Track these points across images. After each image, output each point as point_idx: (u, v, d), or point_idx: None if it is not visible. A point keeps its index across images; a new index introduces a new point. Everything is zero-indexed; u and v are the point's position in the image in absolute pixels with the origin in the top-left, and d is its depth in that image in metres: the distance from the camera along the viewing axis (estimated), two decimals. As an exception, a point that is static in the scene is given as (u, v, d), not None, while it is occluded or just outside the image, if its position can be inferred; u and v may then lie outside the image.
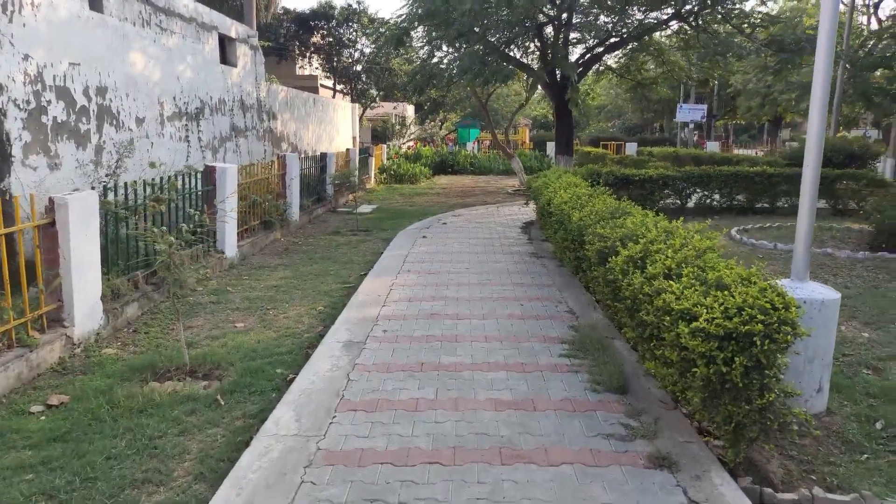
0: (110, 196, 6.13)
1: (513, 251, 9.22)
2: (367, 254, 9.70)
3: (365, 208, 15.15)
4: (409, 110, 45.09)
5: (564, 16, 15.30)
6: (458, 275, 7.63)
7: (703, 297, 3.21)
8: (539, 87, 16.83)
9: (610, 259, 4.47)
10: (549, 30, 16.52)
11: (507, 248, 9.44)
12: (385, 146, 24.57)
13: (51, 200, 5.04)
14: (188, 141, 10.61)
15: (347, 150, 18.15)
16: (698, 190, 13.99)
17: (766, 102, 34.21)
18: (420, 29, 14.21)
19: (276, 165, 11.40)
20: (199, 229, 6.21)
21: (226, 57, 12.69)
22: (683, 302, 3.21)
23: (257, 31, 35.84)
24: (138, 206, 6.55)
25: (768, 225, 11.79)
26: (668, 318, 3.33)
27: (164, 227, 7.22)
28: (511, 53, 16.47)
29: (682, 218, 5.00)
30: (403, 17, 13.46)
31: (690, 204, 14.11)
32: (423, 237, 10.34)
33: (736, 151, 37.23)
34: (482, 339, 5.29)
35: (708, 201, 14.06)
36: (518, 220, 12.88)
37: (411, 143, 32.34)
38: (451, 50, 14.26)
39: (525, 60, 17.99)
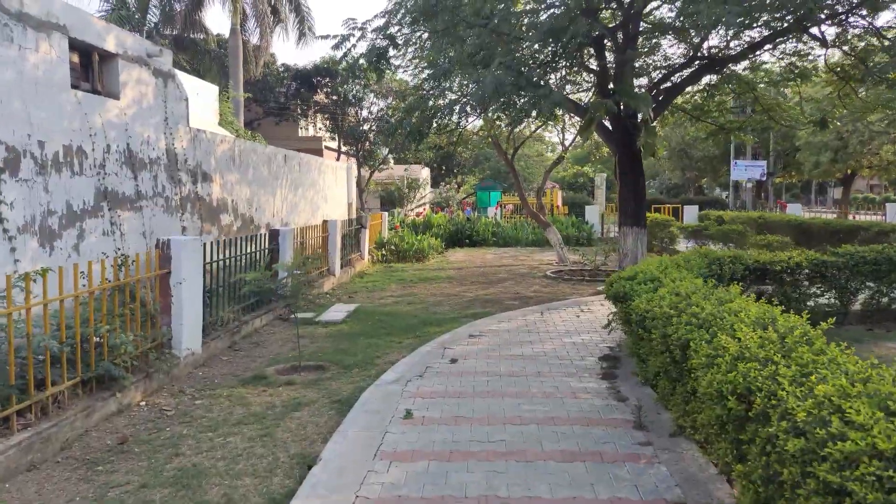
0: None
1: (622, 481, 3.79)
2: (279, 465, 4.39)
3: (337, 312, 9.93)
4: (424, 173, 40.66)
5: (630, 27, 10.44)
6: None
7: None
8: (595, 133, 11.78)
9: None
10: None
11: (602, 471, 4.00)
12: (386, 214, 19.62)
13: None
14: (-36, 221, 5.61)
15: (325, 222, 13.14)
16: (870, 284, 8.59)
17: (838, 157, 28.99)
18: (412, 39, 9.34)
19: (149, 262, 6.28)
20: None
21: (98, 81, 7.86)
22: None
23: (250, 88, 31.92)
24: None
25: None
26: None
27: None
28: (550, 83, 11.52)
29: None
30: (385, 17, 8.63)
31: (856, 305, 8.70)
32: (408, 415, 4.93)
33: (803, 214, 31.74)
34: None
35: (884, 300, 8.64)
36: (585, 343, 7.53)
37: (421, 210, 27.43)
38: (460, 75, 9.33)
39: (567, 93, 13.04)
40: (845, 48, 11.37)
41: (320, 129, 36.03)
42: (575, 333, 7.83)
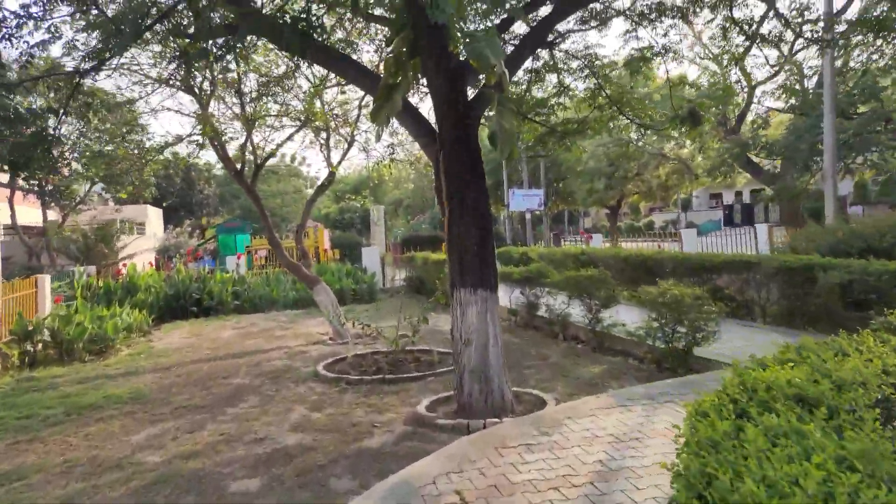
0: None
1: None
2: None
3: None
4: (150, 214, 31.87)
5: None
6: None
7: None
8: (396, 120, 6.32)
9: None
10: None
11: None
12: (46, 279, 11.98)
13: None
14: None
15: None
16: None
17: (613, 184, 28.00)
18: None
19: None
20: None
21: None
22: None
23: None
24: None
25: None
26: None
27: None
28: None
29: None
30: None
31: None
32: None
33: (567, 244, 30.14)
34: None
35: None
36: None
37: (122, 265, 19.33)
38: None
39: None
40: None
41: (-16, 158, 25.39)
42: None
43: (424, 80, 6.86)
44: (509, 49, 7.88)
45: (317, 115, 10.43)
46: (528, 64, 9.83)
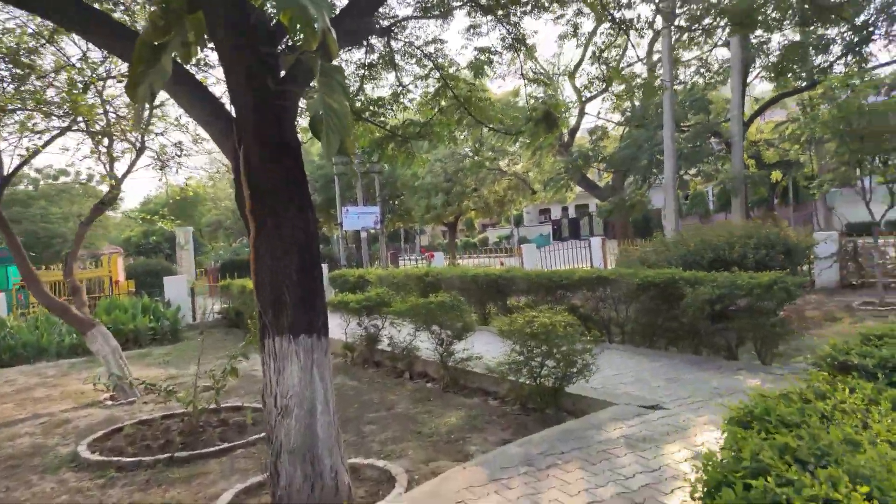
0: None
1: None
2: None
3: None
4: None
5: None
6: None
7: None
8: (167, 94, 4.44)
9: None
10: None
11: None
12: None
13: None
14: None
15: None
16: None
17: (451, 200, 27.42)
18: None
19: None
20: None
21: None
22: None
23: None
24: None
25: None
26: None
27: None
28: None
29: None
30: None
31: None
32: None
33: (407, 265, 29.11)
34: None
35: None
36: None
37: None
38: None
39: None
40: None
41: None
42: None
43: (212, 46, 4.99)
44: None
45: (83, 111, 7.99)
46: (361, 57, 8.37)
